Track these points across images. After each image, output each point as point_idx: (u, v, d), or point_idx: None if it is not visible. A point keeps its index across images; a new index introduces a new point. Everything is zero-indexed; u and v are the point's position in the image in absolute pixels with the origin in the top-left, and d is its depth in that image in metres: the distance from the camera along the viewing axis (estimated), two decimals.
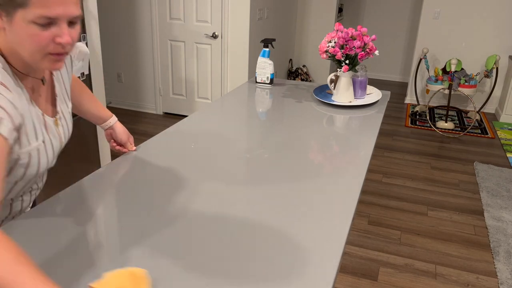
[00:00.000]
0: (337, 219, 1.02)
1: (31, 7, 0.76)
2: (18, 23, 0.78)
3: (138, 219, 1.00)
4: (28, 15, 0.77)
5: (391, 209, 2.90)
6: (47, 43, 0.81)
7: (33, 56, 0.83)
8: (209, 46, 4.09)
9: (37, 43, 0.80)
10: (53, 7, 0.78)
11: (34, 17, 0.77)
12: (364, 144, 1.47)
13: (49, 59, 0.84)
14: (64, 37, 0.81)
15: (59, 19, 0.80)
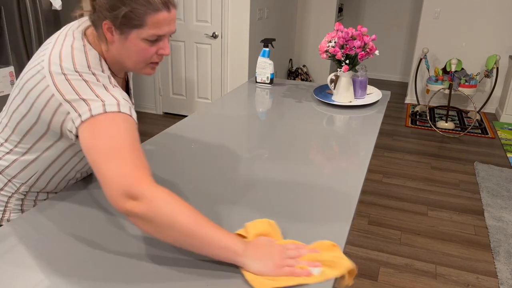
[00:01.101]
0: (337, 219, 1.02)
1: (145, 28, 0.92)
2: (132, 40, 0.94)
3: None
4: (142, 34, 0.93)
5: (391, 209, 2.90)
6: (152, 55, 0.98)
7: (137, 65, 0.99)
8: (209, 46, 4.09)
9: (145, 56, 0.97)
10: (163, 28, 0.94)
11: (147, 36, 0.93)
12: (364, 144, 1.47)
13: (150, 67, 1.01)
14: (166, 50, 0.99)
15: (165, 36, 0.96)
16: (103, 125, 0.86)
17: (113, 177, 0.81)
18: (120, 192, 0.80)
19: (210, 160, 1.31)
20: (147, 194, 0.79)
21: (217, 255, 0.81)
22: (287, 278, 0.81)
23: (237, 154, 1.35)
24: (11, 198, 1.09)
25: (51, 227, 0.96)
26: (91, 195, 1.10)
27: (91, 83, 0.90)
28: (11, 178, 1.06)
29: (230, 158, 1.33)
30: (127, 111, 0.91)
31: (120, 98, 0.91)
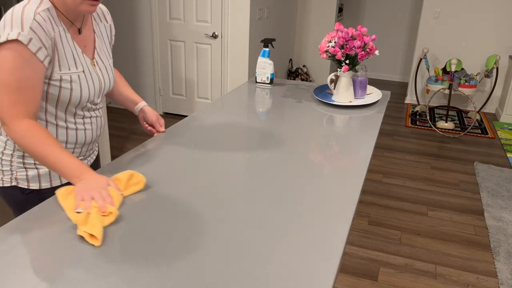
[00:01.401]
0: (337, 219, 1.02)
1: None
2: None
3: (137, 218, 1.00)
4: None
5: (391, 209, 2.90)
6: None
7: (75, 1, 1.09)
8: (209, 46, 4.09)
9: None
10: None
11: None
12: (364, 144, 1.47)
13: (86, 4, 1.10)
14: None
15: None
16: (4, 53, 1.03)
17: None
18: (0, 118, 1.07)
19: (209, 160, 1.31)
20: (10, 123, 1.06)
21: (64, 177, 1.08)
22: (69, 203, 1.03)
23: (237, 154, 1.35)
24: (13, 157, 1.20)
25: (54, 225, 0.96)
26: None
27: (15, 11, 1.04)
28: (7, 136, 1.18)
29: (230, 158, 1.33)
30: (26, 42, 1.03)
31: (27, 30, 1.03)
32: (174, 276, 0.82)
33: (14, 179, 1.21)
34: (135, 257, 0.87)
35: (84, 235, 0.92)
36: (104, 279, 0.81)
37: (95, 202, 1.01)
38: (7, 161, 1.20)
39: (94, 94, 1.25)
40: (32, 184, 1.23)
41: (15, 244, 0.90)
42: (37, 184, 1.23)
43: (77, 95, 1.18)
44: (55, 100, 1.16)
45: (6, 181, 1.22)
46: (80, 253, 0.88)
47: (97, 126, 1.33)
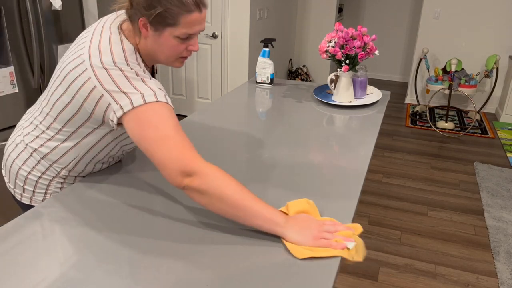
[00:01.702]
0: (337, 219, 1.02)
1: (178, 27, 1.00)
2: (165, 37, 1.01)
3: (137, 218, 1.00)
4: (175, 32, 1.01)
5: (391, 209, 2.90)
6: (183, 51, 1.06)
7: (168, 59, 1.07)
8: (209, 46, 4.09)
9: (176, 52, 1.05)
10: (195, 27, 1.02)
11: (179, 34, 1.01)
12: (364, 144, 1.47)
13: (179, 61, 1.09)
14: (196, 47, 1.07)
15: (195, 34, 1.04)
16: (146, 116, 0.96)
17: (168, 161, 0.93)
18: (177, 172, 0.93)
19: (209, 160, 1.31)
20: (200, 170, 0.92)
21: (260, 226, 0.92)
22: (324, 249, 0.89)
23: (237, 154, 1.35)
24: (52, 182, 1.18)
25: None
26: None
27: (129, 77, 0.98)
28: (52, 163, 1.15)
29: (229, 158, 1.33)
30: (163, 99, 0.99)
31: (156, 88, 1.00)
32: (174, 276, 0.82)
33: (40, 200, 1.20)
34: (135, 257, 0.87)
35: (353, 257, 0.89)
36: (104, 279, 0.81)
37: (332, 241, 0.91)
38: (44, 185, 1.18)
39: None
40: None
41: (14, 244, 0.90)
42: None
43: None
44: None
45: (36, 201, 1.20)
46: (80, 253, 0.88)
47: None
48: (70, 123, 1.06)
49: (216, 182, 0.92)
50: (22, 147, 1.16)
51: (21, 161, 1.16)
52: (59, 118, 1.07)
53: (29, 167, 1.16)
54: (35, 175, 1.16)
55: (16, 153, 1.17)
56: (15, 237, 0.93)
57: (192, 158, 0.93)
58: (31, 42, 2.20)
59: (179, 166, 0.92)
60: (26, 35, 2.19)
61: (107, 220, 1.00)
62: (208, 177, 0.92)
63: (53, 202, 1.06)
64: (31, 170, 1.16)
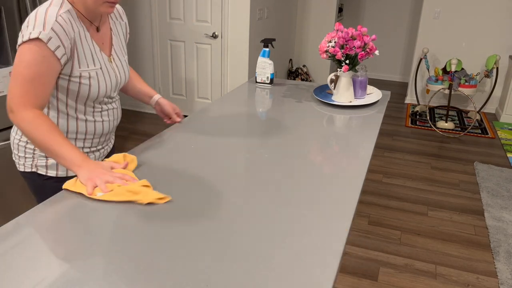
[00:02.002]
0: (337, 219, 1.02)
1: None
2: None
3: (136, 218, 1.00)
4: None
5: (391, 209, 2.90)
6: None
7: (96, 3, 1.18)
8: (209, 46, 4.09)
9: None
10: None
11: None
12: (364, 144, 1.47)
13: (105, 5, 1.19)
14: None
15: None
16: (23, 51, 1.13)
17: (9, 93, 1.15)
18: (8, 105, 1.15)
19: (209, 160, 1.31)
20: (17, 111, 1.14)
21: (63, 164, 1.14)
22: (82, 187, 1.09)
23: (237, 154, 1.35)
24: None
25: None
26: None
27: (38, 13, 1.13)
28: None
29: (229, 158, 1.33)
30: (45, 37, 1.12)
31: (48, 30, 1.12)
32: (174, 276, 0.82)
33: (34, 165, 1.32)
34: (135, 257, 0.87)
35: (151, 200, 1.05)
36: (104, 279, 0.81)
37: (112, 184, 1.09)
38: (30, 149, 1.30)
39: (111, 89, 1.34)
40: (50, 171, 1.33)
41: (14, 244, 0.90)
42: (55, 171, 1.33)
43: (95, 90, 1.28)
44: (75, 95, 1.26)
45: (27, 167, 1.33)
46: (80, 253, 0.88)
47: (113, 118, 1.42)
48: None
49: (27, 125, 1.13)
50: None
51: (15, 132, 1.33)
52: None
53: (19, 135, 1.31)
54: (23, 140, 1.31)
55: (14, 129, 1.34)
56: (15, 237, 0.93)
57: (21, 102, 1.14)
58: None
59: (10, 101, 1.14)
60: None
61: (107, 220, 1.00)
62: (21, 120, 1.14)
63: (53, 202, 1.06)
64: (21, 137, 1.31)
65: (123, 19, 1.44)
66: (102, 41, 1.32)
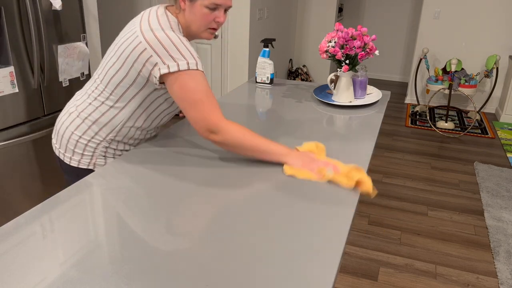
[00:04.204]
0: (337, 219, 1.02)
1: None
2: (197, 6, 1.26)
3: (136, 218, 1.00)
4: (205, 2, 1.25)
5: (391, 209, 2.90)
6: (211, 21, 1.30)
7: (199, 29, 1.30)
8: (209, 46, 4.09)
9: (206, 21, 1.29)
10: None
11: (208, 4, 1.25)
12: (364, 144, 1.47)
13: (208, 32, 1.33)
14: (222, 18, 1.30)
15: (221, 6, 1.28)
16: (187, 80, 1.21)
17: (198, 120, 1.23)
18: (204, 129, 1.23)
19: (209, 160, 1.31)
20: (222, 129, 1.22)
21: (271, 158, 1.27)
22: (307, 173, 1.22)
23: (237, 154, 1.35)
24: (99, 145, 1.37)
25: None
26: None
27: (175, 42, 1.21)
28: (102, 127, 1.35)
29: (229, 158, 1.33)
30: (201, 68, 1.24)
31: (197, 58, 1.24)
32: (174, 276, 0.82)
33: (92, 163, 1.39)
34: (135, 257, 0.87)
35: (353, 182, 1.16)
36: (104, 279, 0.81)
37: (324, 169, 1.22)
38: (91, 148, 1.37)
39: None
40: None
41: (14, 244, 0.90)
42: None
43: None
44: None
45: (82, 164, 1.39)
46: (80, 253, 0.88)
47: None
48: (119, 87, 1.28)
49: (235, 136, 1.22)
50: (75, 115, 1.36)
51: (74, 127, 1.36)
52: (110, 84, 1.29)
53: (80, 132, 1.36)
54: (85, 138, 1.36)
55: (69, 121, 1.37)
56: (15, 237, 0.93)
57: (217, 119, 1.22)
58: (31, 42, 2.20)
59: (206, 125, 1.22)
60: (26, 35, 2.19)
61: (107, 220, 1.00)
62: (228, 134, 1.22)
63: (53, 202, 1.06)
64: (82, 135, 1.36)
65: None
66: None
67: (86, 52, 2.57)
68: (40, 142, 2.38)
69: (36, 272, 0.83)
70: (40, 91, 2.33)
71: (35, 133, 2.31)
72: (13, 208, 2.28)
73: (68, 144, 1.38)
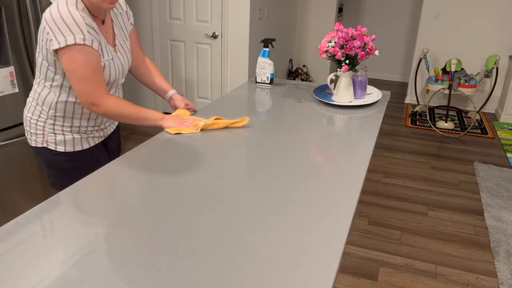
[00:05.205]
0: (337, 219, 1.02)
1: None
2: None
3: (136, 218, 1.00)
4: None
5: (391, 209, 2.90)
6: None
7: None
8: (209, 46, 4.09)
9: None
10: None
11: None
12: (364, 144, 1.47)
13: (106, 2, 1.33)
14: None
15: None
16: (76, 54, 1.30)
17: (83, 93, 1.35)
18: (87, 102, 1.36)
19: (209, 160, 1.31)
20: (103, 103, 1.37)
21: (149, 124, 1.47)
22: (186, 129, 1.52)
23: (237, 154, 1.35)
24: (45, 123, 1.47)
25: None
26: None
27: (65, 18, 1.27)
28: (42, 105, 1.45)
29: (229, 158, 1.33)
30: (90, 43, 1.32)
31: (86, 33, 1.31)
32: (174, 276, 0.82)
33: (45, 141, 1.49)
34: (135, 257, 0.87)
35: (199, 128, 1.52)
36: (104, 279, 0.81)
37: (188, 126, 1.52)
38: (41, 126, 1.48)
39: (119, 77, 1.51)
40: (59, 147, 1.50)
41: (14, 244, 0.90)
42: (63, 147, 1.50)
43: (107, 78, 1.45)
44: None
45: (38, 142, 1.50)
46: (80, 253, 0.88)
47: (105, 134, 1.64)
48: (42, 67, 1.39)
49: (115, 108, 1.39)
50: (28, 102, 1.50)
51: (27, 110, 1.50)
52: (38, 67, 1.41)
53: (30, 113, 1.49)
54: (34, 118, 1.48)
55: (27, 109, 1.50)
56: (15, 237, 0.93)
57: (99, 94, 1.35)
58: (31, 42, 2.20)
59: (89, 98, 1.35)
60: (26, 35, 2.19)
61: (107, 220, 1.00)
62: (108, 106, 1.38)
63: (53, 203, 1.06)
64: (32, 115, 1.48)
65: (123, 8, 1.56)
66: (106, 32, 1.45)
67: None
68: None
69: (36, 272, 0.83)
70: None
71: None
72: (13, 208, 2.28)
73: (26, 127, 1.52)
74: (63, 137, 1.49)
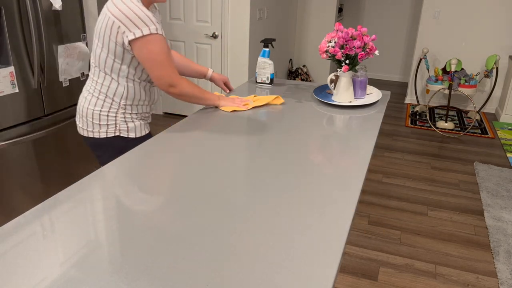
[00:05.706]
0: (337, 219, 1.02)
1: None
2: None
3: (137, 218, 1.00)
4: None
5: (391, 209, 2.90)
6: None
7: None
8: (209, 46, 4.09)
9: None
10: None
11: None
12: (364, 144, 1.47)
13: None
14: None
15: None
16: (152, 44, 1.46)
17: (163, 76, 1.52)
18: (167, 84, 1.54)
19: (209, 160, 1.31)
20: (179, 83, 1.56)
21: (210, 103, 1.74)
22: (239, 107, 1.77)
23: (237, 154, 1.35)
24: (117, 113, 1.60)
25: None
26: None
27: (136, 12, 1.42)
28: (113, 97, 1.58)
29: (229, 158, 1.33)
30: (161, 32, 1.49)
31: (157, 23, 1.47)
32: (174, 276, 0.83)
33: (117, 130, 1.62)
34: (135, 257, 0.87)
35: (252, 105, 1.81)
36: (105, 279, 0.81)
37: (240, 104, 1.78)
38: (112, 117, 1.60)
39: None
40: (131, 133, 1.64)
41: (14, 244, 0.90)
42: (134, 133, 1.64)
43: None
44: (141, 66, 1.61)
45: (110, 133, 1.61)
46: (80, 252, 0.88)
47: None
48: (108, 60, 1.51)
49: (187, 88, 1.59)
50: (90, 97, 1.59)
51: (92, 105, 1.59)
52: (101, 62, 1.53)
53: (99, 107, 1.58)
54: (104, 111, 1.59)
55: (88, 103, 1.60)
56: (15, 237, 0.93)
57: (175, 76, 1.54)
58: (31, 42, 2.20)
59: (168, 81, 1.53)
60: (26, 35, 2.19)
61: (107, 220, 1.00)
62: (183, 86, 1.57)
63: (53, 203, 1.06)
64: (102, 108, 1.58)
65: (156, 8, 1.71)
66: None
67: (86, 52, 2.57)
68: (40, 142, 2.38)
69: (36, 272, 0.83)
70: (40, 91, 2.33)
71: (35, 133, 2.31)
72: (13, 208, 2.28)
73: (93, 120, 1.60)
74: (133, 124, 1.63)
